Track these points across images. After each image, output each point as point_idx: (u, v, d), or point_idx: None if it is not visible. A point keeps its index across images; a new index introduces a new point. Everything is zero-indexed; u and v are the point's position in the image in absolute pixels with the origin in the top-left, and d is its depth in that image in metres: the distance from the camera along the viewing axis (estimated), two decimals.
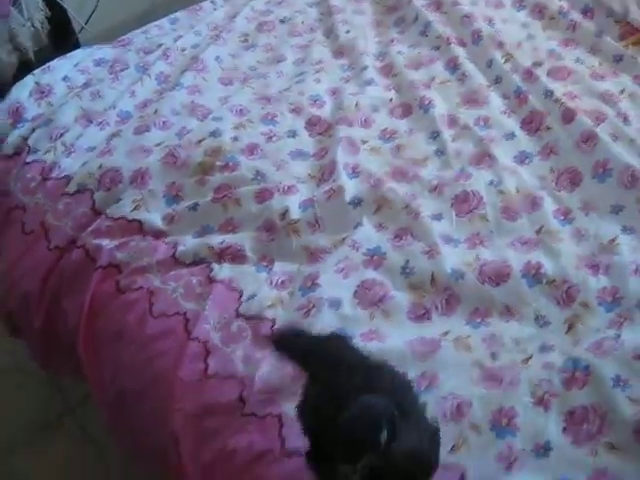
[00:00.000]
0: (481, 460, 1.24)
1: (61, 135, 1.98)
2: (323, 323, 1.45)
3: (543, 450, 1.23)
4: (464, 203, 1.68)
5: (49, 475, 2.13)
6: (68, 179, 1.86)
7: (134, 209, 1.74)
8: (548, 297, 1.49)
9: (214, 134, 1.88)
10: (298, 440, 1.28)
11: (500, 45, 2.14)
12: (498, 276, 1.53)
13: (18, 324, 1.91)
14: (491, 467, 1.23)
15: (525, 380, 1.33)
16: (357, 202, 1.69)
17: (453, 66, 2.11)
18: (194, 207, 1.73)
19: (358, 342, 1.37)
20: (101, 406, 1.65)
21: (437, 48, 2.19)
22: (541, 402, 1.30)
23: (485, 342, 1.43)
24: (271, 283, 1.56)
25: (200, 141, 1.86)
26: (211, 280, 1.58)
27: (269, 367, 1.40)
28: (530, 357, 1.39)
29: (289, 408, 1.32)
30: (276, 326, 1.47)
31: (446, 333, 1.45)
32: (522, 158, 1.82)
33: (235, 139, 1.86)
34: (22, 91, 2.11)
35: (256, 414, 1.35)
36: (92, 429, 2.21)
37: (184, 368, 1.45)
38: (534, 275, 1.52)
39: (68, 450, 2.18)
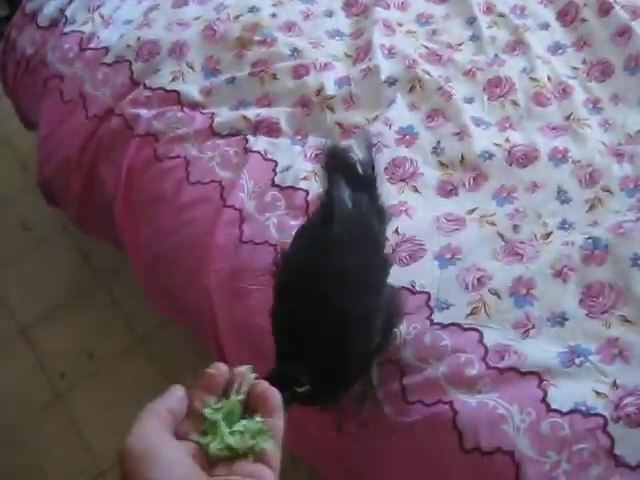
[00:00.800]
0: (499, 325, 1.30)
1: (98, 7, 2.01)
2: None
3: (559, 319, 1.30)
4: (496, 88, 1.70)
5: (80, 342, 2.22)
6: (106, 50, 1.89)
7: (172, 80, 1.78)
8: (571, 175, 1.53)
9: (252, 10, 1.89)
10: None
11: None
12: (526, 158, 1.56)
13: (55, 191, 1.97)
14: (508, 333, 1.30)
15: (545, 254, 1.39)
16: (392, 81, 1.71)
17: None
18: (231, 80, 1.75)
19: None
20: (137, 269, 1.73)
21: None
22: (560, 275, 1.35)
23: (509, 217, 1.47)
24: (305, 156, 1.60)
25: (238, 16, 1.87)
26: (247, 151, 1.62)
27: None
28: (551, 233, 1.43)
29: None
30: (309, 196, 1.53)
31: (472, 210, 1.50)
32: (555, 48, 1.82)
33: (273, 15, 1.87)
34: None
35: None
36: (120, 297, 2.30)
37: (219, 233, 1.51)
38: (560, 158, 1.56)
39: (98, 319, 2.27)
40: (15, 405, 2.12)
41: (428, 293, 1.36)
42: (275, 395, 0.70)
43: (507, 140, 1.60)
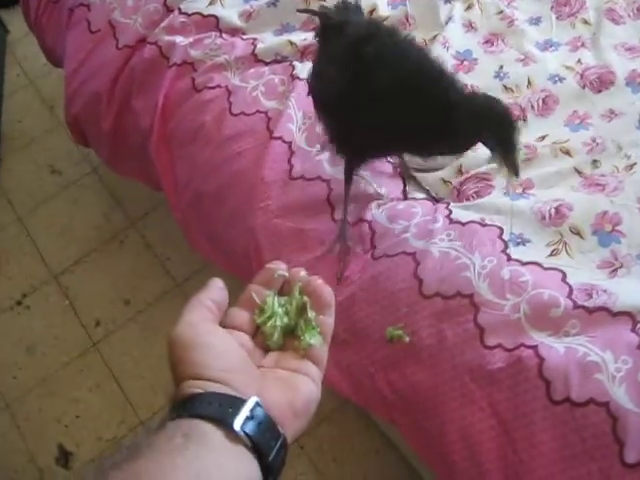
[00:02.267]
0: (583, 266, 1.19)
1: None
2: None
3: None
4: (565, 6, 1.56)
5: (114, 288, 2.15)
6: None
7: (209, 4, 1.65)
8: None
9: None
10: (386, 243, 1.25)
11: None
12: (601, 82, 1.42)
13: (85, 129, 1.85)
14: (594, 273, 1.18)
15: (630, 186, 1.26)
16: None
17: None
18: (274, 3, 1.62)
19: None
20: (175, 210, 1.61)
21: None
22: None
23: (585, 146, 1.34)
24: None
25: None
26: (294, 78, 1.49)
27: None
28: (635, 164, 1.30)
29: (379, 215, 1.29)
30: None
31: (543, 137, 1.37)
32: None
33: None
34: None
35: (348, 220, 1.31)
36: (154, 241, 2.21)
37: (266, 168, 1.40)
38: (639, 83, 1.42)
39: (132, 264, 2.19)
40: (51, 354, 2.06)
41: (500, 227, 1.24)
42: (328, 292, 0.69)
43: (579, 62, 1.47)
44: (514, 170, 1.11)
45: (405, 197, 1.34)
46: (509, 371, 1.10)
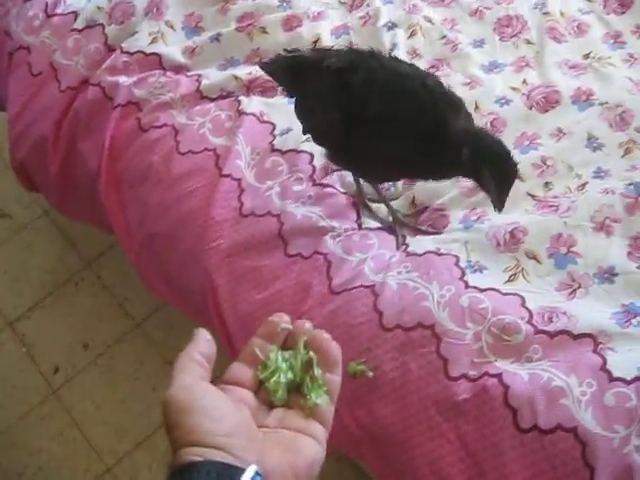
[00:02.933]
0: (542, 289, 1.18)
1: None
2: None
3: (608, 275, 1.17)
4: (507, 27, 1.57)
5: (72, 332, 2.09)
6: (75, 15, 1.73)
7: (152, 42, 1.63)
8: (600, 118, 1.40)
9: None
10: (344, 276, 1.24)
11: None
12: (547, 102, 1.43)
13: (33, 174, 1.81)
14: (553, 296, 1.17)
15: (583, 206, 1.26)
16: (391, 25, 1.58)
17: None
18: (217, 38, 1.61)
19: None
20: (129, 252, 1.58)
21: None
22: (602, 228, 1.23)
23: (536, 169, 1.34)
24: None
25: None
26: (240, 113, 1.48)
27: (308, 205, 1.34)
28: (586, 183, 1.31)
29: (334, 246, 1.27)
30: (315, 161, 1.39)
31: None
32: None
33: None
34: None
35: (302, 254, 1.29)
36: (111, 282, 2.16)
37: (217, 206, 1.38)
38: (585, 100, 1.43)
39: (90, 306, 2.13)
40: (9, 405, 2.00)
41: (456, 256, 1.24)
42: (336, 348, 0.66)
43: (524, 82, 1.48)
44: (500, 206, 1.11)
45: (359, 227, 1.33)
46: (475, 401, 1.09)
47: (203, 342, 0.65)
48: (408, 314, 1.18)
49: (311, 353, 0.66)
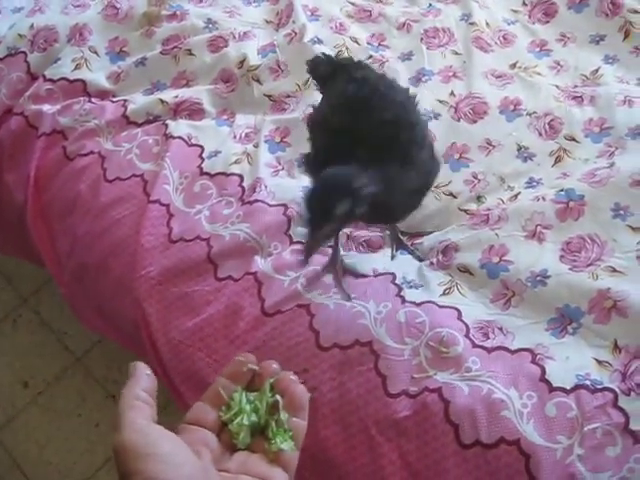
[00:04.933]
0: (477, 302, 1.17)
1: None
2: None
3: (540, 278, 1.16)
4: (434, 39, 1.57)
5: (11, 371, 2.02)
6: None
7: (75, 69, 1.60)
8: (529, 128, 1.40)
9: None
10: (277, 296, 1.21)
11: None
12: (474, 112, 1.43)
13: None
14: (488, 308, 1.16)
15: (515, 216, 1.25)
16: (317, 40, 1.56)
17: None
18: (142, 62, 1.58)
19: None
20: (60, 284, 1.53)
21: None
22: (534, 235, 1.22)
23: (468, 184, 1.34)
24: (235, 137, 1.45)
25: None
26: (168, 137, 1.45)
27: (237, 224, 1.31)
28: (518, 194, 1.30)
29: (264, 265, 1.24)
30: (244, 182, 1.36)
31: None
32: None
33: None
34: None
35: (232, 277, 1.26)
36: (49, 317, 2.10)
37: (145, 234, 1.34)
38: (513, 110, 1.43)
39: (27, 342, 2.07)
40: None
41: (392, 273, 1.22)
42: (302, 393, 0.65)
43: (452, 94, 1.47)
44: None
45: (291, 241, 1.30)
46: (415, 418, 1.07)
47: (144, 377, 0.62)
48: (345, 332, 1.16)
49: (277, 396, 0.64)
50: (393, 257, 1.27)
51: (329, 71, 1.21)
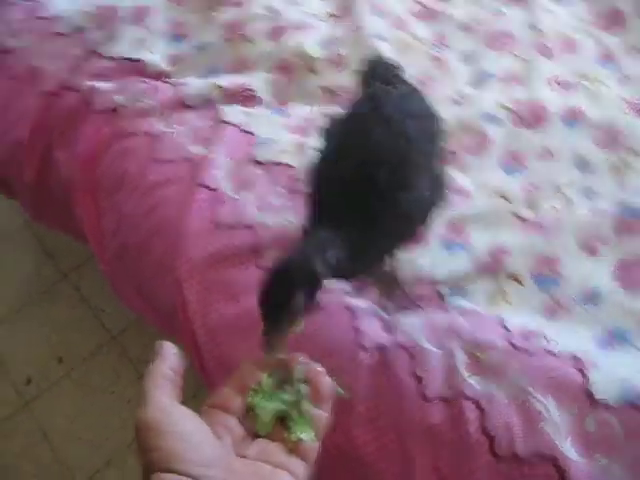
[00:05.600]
0: (523, 311, 1.14)
1: None
2: None
3: (591, 297, 1.13)
4: (497, 41, 1.54)
5: (47, 344, 2.04)
6: (59, 19, 1.68)
7: (134, 48, 1.59)
8: (590, 139, 1.36)
9: None
10: None
11: None
12: (535, 118, 1.39)
13: (9, 180, 1.76)
14: (534, 318, 1.13)
15: (569, 227, 1.22)
16: (381, 38, 1.54)
17: None
18: (201, 46, 1.57)
19: None
20: (102, 263, 1.53)
21: None
22: (588, 249, 1.19)
23: (523, 190, 1.30)
24: (288, 127, 1.42)
25: None
26: (221, 123, 1.43)
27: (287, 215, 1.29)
28: (574, 204, 1.27)
29: None
30: (293, 172, 1.34)
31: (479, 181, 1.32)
32: None
33: None
34: None
35: None
36: (88, 293, 2.11)
37: (191, 216, 1.33)
38: (574, 119, 1.40)
39: (66, 318, 2.09)
40: None
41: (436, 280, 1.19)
42: (328, 383, 0.66)
43: (512, 98, 1.44)
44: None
45: None
46: (450, 425, 1.05)
47: (171, 356, 0.63)
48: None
49: (302, 385, 0.65)
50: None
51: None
